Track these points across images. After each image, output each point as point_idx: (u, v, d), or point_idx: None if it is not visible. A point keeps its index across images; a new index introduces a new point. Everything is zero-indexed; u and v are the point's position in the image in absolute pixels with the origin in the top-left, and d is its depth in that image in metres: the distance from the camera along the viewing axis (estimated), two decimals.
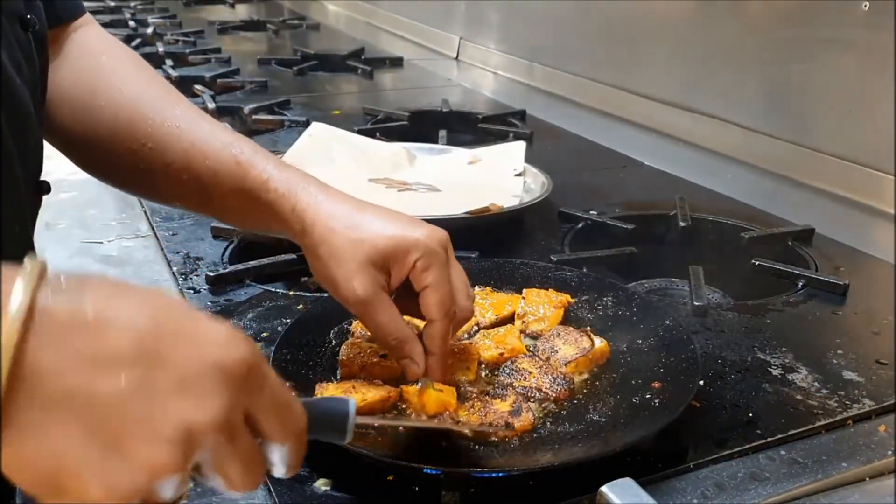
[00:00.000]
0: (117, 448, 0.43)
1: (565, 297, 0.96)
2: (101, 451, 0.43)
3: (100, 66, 0.85)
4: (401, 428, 0.76)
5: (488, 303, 0.96)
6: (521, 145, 1.54)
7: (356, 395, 0.77)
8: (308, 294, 1.05)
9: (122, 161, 0.83)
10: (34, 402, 0.42)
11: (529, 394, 0.80)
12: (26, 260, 0.44)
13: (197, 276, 1.10)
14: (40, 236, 0.73)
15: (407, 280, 0.77)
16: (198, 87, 2.08)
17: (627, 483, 0.62)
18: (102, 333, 0.43)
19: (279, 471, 0.53)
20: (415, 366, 0.77)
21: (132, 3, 3.68)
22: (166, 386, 0.44)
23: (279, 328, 0.94)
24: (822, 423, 0.81)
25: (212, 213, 0.90)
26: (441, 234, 0.78)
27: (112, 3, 3.64)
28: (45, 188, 0.79)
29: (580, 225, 1.31)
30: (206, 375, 0.45)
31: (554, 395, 0.80)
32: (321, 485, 0.70)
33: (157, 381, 0.44)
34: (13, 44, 0.70)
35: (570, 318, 0.95)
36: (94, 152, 0.85)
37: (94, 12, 3.35)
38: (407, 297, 0.78)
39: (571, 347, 0.87)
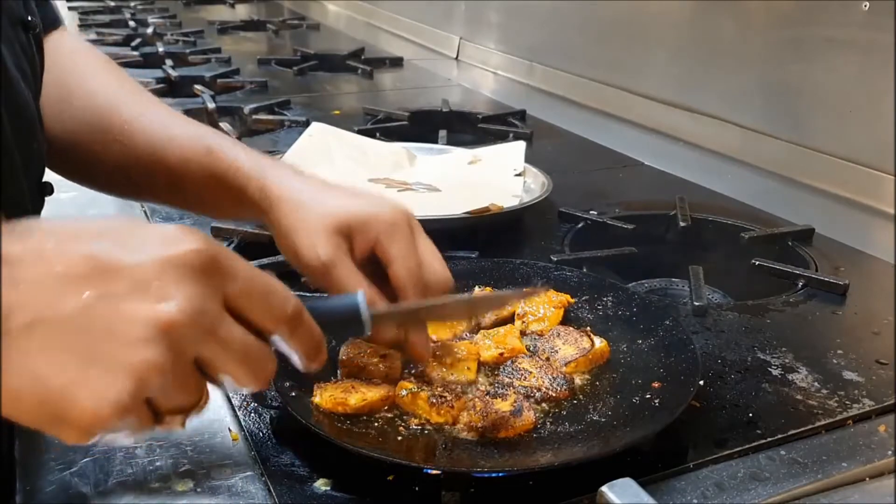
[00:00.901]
0: (95, 360, 0.45)
1: (565, 297, 0.96)
2: (80, 366, 0.44)
3: (74, 68, 0.88)
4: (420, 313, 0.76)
5: None
6: (521, 145, 1.54)
7: (356, 395, 0.77)
8: (308, 294, 1.05)
9: (96, 158, 0.85)
10: (8, 339, 0.43)
11: (529, 393, 0.80)
12: None
13: None
14: None
15: (379, 266, 0.77)
16: (198, 87, 2.07)
17: (627, 483, 0.62)
18: (55, 261, 0.45)
19: (298, 363, 0.53)
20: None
21: (132, 3, 3.68)
22: (125, 290, 0.45)
23: None
24: (822, 423, 0.81)
25: (182, 205, 0.92)
26: (405, 209, 0.78)
27: (112, 3, 3.64)
28: (48, 189, 0.79)
29: (580, 225, 1.31)
30: (161, 272, 0.46)
31: (554, 394, 0.80)
32: (321, 485, 0.70)
33: (116, 290, 0.45)
34: (16, 48, 0.71)
35: (570, 318, 0.95)
36: (70, 153, 0.86)
37: (94, 12, 3.37)
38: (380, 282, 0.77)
39: (571, 347, 0.87)
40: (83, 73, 0.87)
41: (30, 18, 0.75)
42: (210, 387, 0.52)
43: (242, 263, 0.52)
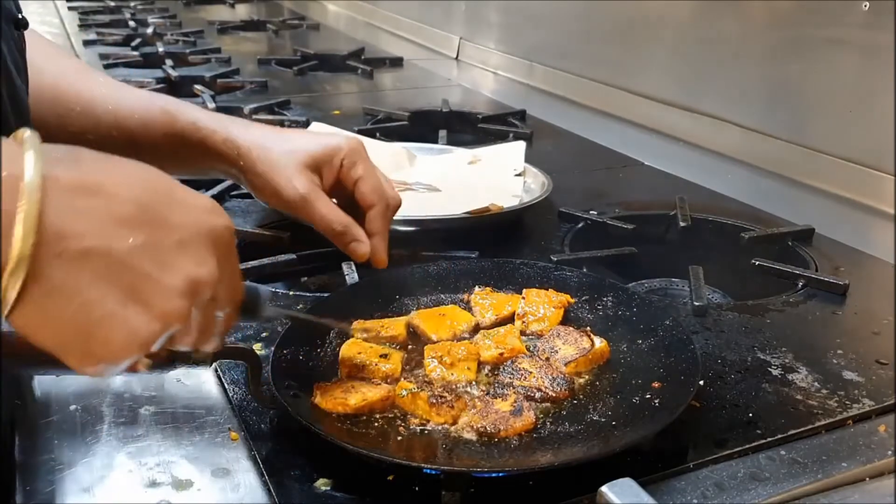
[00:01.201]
0: (136, 298, 0.49)
1: (565, 297, 0.96)
2: (122, 301, 0.49)
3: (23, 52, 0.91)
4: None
5: (488, 303, 0.96)
6: (521, 145, 1.54)
7: (356, 395, 0.77)
8: (308, 294, 1.05)
9: (53, 130, 0.88)
10: (59, 262, 0.46)
11: (529, 393, 0.80)
12: (24, 131, 0.48)
13: None
14: None
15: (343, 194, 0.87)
16: (198, 87, 2.08)
17: (627, 483, 0.62)
18: (108, 199, 0.49)
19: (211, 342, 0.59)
20: (362, 244, 0.85)
21: (132, 3, 3.68)
22: (170, 244, 0.51)
23: (279, 328, 0.94)
24: (822, 423, 0.81)
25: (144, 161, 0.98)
26: (357, 138, 0.90)
27: (112, 3, 3.64)
28: None
29: (580, 225, 1.31)
30: (202, 237, 0.53)
31: (554, 394, 0.80)
32: (321, 485, 0.70)
33: (162, 241, 0.50)
34: (11, 45, 0.72)
35: (570, 318, 0.96)
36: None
37: (94, 12, 3.37)
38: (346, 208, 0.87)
39: (571, 347, 0.87)
40: (32, 60, 0.90)
41: (21, 16, 0.77)
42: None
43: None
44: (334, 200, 0.87)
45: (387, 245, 0.89)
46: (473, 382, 0.83)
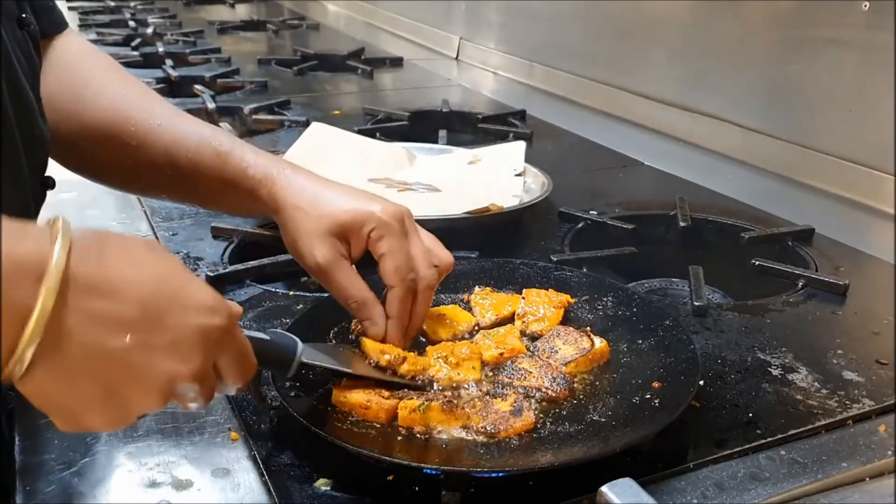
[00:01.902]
0: (118, 394, 0.54)
1: (565, 297, 0.96)
2: (105, 395, 0.54)
3: (83, 72, 0.91)
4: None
5: (488, 303, 0.96)
6: (521, 145, 1.54)
7: (365, 395, 0.77)
8: (308, 294, 1.05)
9: (110, 160, 0.90)
10: (57, 356, 0.50)
11: (530, 393, 0.80)
12: (56, 220, 0.52)
13: (197, 275, 1.10)
14: None
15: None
16: (198, 87, 2.07)
17: (627, 483, 0.62)
18: (114, 299, 0.52)
19: (229, 391, 0.65)
20: (375, 326, 0.83)
21: (132, 3, 3.68)
22: (162, 346, 0.54)
23: (279, 328, 0.94)
24: (822, 423, 0.81)
25: (195, 202, 0.99)
26: (398, 208, 0.84)
27: (112, 3, 3.64)
28: (50, 183, 0.81)
29: (580, 225, 1.31)
30: (192, 338, 0.56)
31: (554, 394, 0.80)
32: (321, 485, 0.70)
33: (154, 342, 0.54)
34: (14, 41, 0.72)
35: (570, 318, 0.95)
36: (81, 153, 0.90)
37: (94, 12, 3.37)
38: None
39: (571, 347, 0.87)
40: (92, 75, 0.91)
41: (24, 16, 0.77)
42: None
43: (239, 333, 0.64)
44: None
45: (405, 329, 0.84)
46: (479, 381, 0.83)
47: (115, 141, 0.87)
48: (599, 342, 0.87)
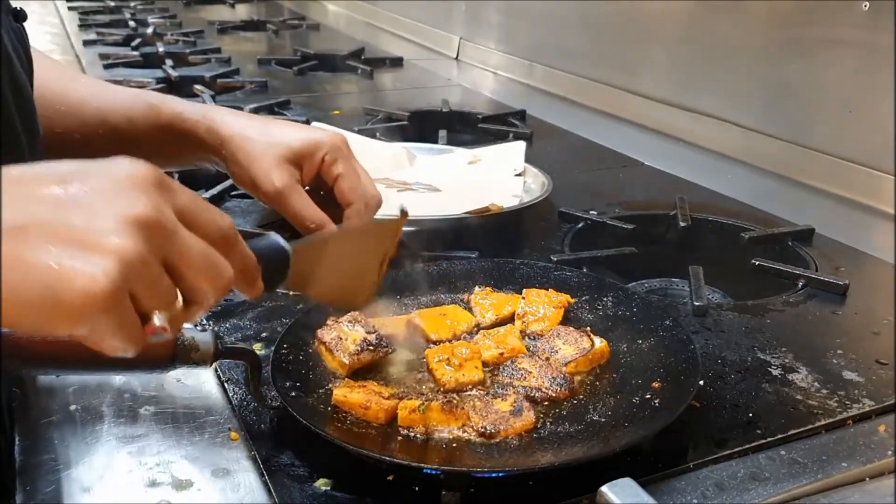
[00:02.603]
0: (83, 247, 0.48)
1: (565, 297, 0.96)
2: (71, 252, 0.48)
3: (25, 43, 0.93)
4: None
5: (488, 303, 0.96)
6: (521, 145, 1.54)
7: (364, 394, 0.77)
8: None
9: (45, 126, 0.89)
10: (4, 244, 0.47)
11: (529, 393, 0.80)
12: None
13: None
14: None
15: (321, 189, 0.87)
16: (198, 87, 2.08)
17: (627, 483, 0.62)
18: (33, 183, 0.50)
19: (238, 289, 0.58)
20: None
21: (132, 3, 3.68)
22: (99, 192, 0.50)
23: (279, 328, 0.94)
24: (822, 423, 0.81)
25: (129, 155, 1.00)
26: (340, 134, 0.89)
27: (112, 3, 3.64)
28: None
29: (580, 225, 1.31)
30: (128, 183, 0.51)
31: (554, 394, 0.80)
32: (321, 485, 0.70)
33: (89, 192, 0.50)
34: (11, 35, 0.73)
35: (570, 318, 0.95)
36: None
37: (94, 12, 3.37)
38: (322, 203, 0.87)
39: (571, 347, 0.87)
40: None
41: (19, 8, 0.78)
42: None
43: (183, 187, 0.56)
44: (320, 192, 0.87)
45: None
46: (483, 381, 0.82)
47: (43, 110, 0.86)
48: (599, 342, 0.87)
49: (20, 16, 0.78)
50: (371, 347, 0.84)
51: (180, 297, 0.54)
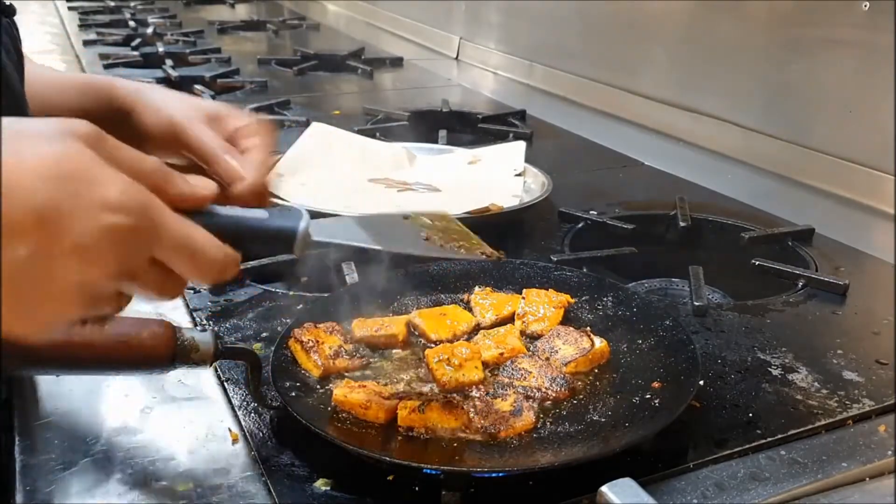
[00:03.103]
0: (32, 305, 0.49)
1: (565, 297, 0.96)
2: (20, 307, 0.48)
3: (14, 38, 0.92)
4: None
5: (488, 303, 0.96)
6: (521, 145, 1.54)
7: (372, 396, 0.77)
8: (308, 294, 1.05)
9: None
10: None
11: (529, 393, 0.80)
12: None
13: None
14: None
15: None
16: (198, 87, 2.08)
17: (627, 483, 0.62)
18: (5, 208, 0.46)
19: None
20: (236, 171, 0.77)
21: (132, 3, 3.68)
22: (63, 252, 0.48)
23: (279, 328, 0.94)
24: (822, 423, 0.81)
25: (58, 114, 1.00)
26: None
27: (112, 3, 3.64)
28: None
29: (580, 225, 1.31)
30: (99, 240, 0.49)
31: (554, 394, 0.80)
32: (321, 485, 0.70)
33: (54, 251, 0.48)
34: (1, 30, 0.73)
35: (570, 318, 0.95)
36: None
37: (94, 12, 3.36)
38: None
39: (571, 347, 0.87)
40: None
41: (9, 3, 0.78)
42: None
43: (172, 221, 0.54)
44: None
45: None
46: (483, 381, 0.82)
47: None
48: (599, 342, 0.87)
49: (9, 11, 0.78)
50: (346, 355, 0.85)
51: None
